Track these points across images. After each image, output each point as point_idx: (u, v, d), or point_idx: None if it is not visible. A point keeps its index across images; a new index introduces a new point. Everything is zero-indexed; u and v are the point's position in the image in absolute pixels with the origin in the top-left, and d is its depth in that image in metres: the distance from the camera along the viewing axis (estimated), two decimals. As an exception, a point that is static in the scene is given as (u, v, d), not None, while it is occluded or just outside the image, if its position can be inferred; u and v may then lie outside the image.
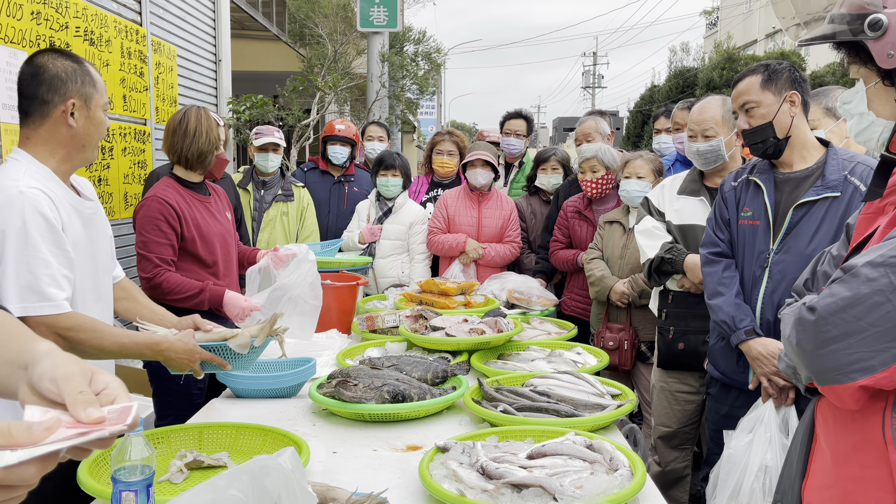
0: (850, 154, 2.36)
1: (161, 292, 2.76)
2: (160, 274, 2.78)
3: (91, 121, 1.89)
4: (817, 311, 1.36)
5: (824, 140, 2.44)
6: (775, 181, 2.40)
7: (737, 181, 2.50)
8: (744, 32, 30.03)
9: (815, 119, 2.88)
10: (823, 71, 17.08)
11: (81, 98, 1.87)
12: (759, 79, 2.37)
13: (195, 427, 1.97)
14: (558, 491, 1.50)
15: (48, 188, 1.81)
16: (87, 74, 1.89)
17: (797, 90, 2.36)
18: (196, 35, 6.05)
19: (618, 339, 3.44)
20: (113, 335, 1.78)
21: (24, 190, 1.74)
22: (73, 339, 1.72)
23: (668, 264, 2.83)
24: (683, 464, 3.05)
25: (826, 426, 1.49)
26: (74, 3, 3.85)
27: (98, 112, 1.91)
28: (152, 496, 1.38)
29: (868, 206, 1.55)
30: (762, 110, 2.35)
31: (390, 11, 9.32)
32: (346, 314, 3.28)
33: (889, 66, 1.44)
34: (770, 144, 2.36)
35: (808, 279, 1.72)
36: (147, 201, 2.86)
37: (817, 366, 1.37)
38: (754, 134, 2.37)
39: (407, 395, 2.15)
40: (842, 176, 2.28)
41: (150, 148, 4.90)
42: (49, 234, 1.75)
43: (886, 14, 1.42)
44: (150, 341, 1.83)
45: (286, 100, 7.82)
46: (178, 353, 1.84)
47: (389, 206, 4.22)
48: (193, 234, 2.87)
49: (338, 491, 1.53)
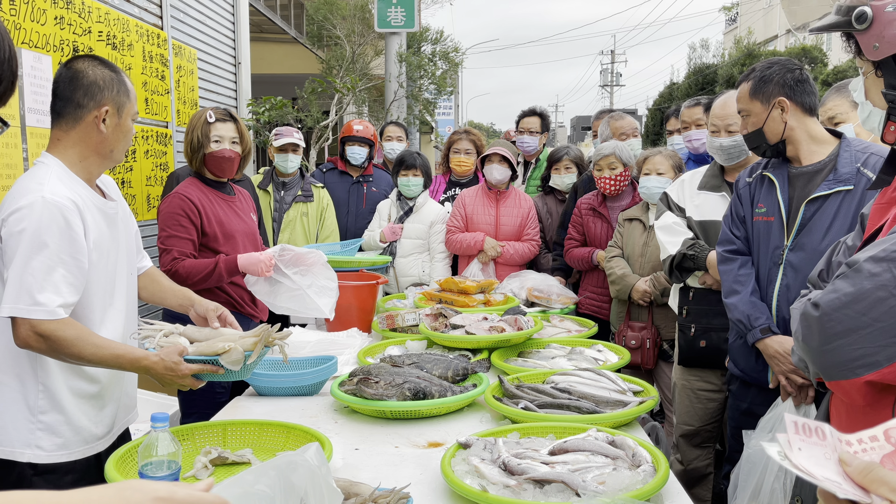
0: (864, 145, 2.31)
1: (179, 280, 2.83)
2: (177, 263, 2.85)
3: (120, 128, 1.94)
4: (821, 307, 1.35)
5: (837, 132, 2.41)
6: (789, 176, 2.37)
7: (751, 177, 2.49)
8: (764, 28, 29.72)
9: (844, 112, 2.84)
10: (846, 66, 16.85)
11: (115, 106, 1.92)
12: (749, 87, 2.38)
13: (219, 424, 1.99)
14: (581, 486, 1.50)
15: (76, 193, 1.86)
16: (123, 84, 1.95)
17: (786, 94, 2.33)
18: (216, 38, 6.11)
19: (640, 338, 3.42)
20: (95, 345, 1.79)
21: (46, 196, 1.79)
22: (53, 344, 1.75)
23: (690, 261, 2.81)
24: (706, 462, 3.02)
25: (839, 420, 1.48)
26: (97, 7, 3.91)
27: (128, 120, 1.97)
28: (179, 491, 1.40)
29: (882, 196, 1.54)
30: (752, 119, 2.38)
31: (407, 12, 9.33)
32: (367, 313, 3.29)
33: (875, 58, 1.48)
34: (763, 150, 2.39)
35: (822, 270, 1.70)
36: (169, 197, 2.94)
37: (823, 362, 1.36)
38: (749, 140, 2.43)
39: (428, 392, 2.16)
40: (854, 168, 2.23)
41: (171, 150, 4.96)
42: (64, 242, 1.79)
43: (872, 6, 1.45)
44: (132, 356, 1.82)
45: (305, 101, 7.86)
46: (159, 370, 1.81)
47: (410, 205, 4.23)
48: (215, 230, 2.92)
49: (361, 487, 1.54)
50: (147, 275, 2.27)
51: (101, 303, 1.95)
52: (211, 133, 2.96)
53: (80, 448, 1.91)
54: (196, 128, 2.97)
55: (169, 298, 2.25)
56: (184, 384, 1.86)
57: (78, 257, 1.82)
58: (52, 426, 1.85)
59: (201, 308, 2.13)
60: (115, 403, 2.03)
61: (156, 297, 2.27)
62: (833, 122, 2.88)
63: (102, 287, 1.94)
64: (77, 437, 1.90)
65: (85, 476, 1.92)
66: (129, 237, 2.10)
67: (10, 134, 3.15)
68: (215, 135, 2.96)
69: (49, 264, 1.76)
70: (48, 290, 1.75)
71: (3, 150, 3.10)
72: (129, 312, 2.07)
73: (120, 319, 2.01)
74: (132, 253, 2.13)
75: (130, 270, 2.12)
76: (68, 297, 1.79)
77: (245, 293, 3.02)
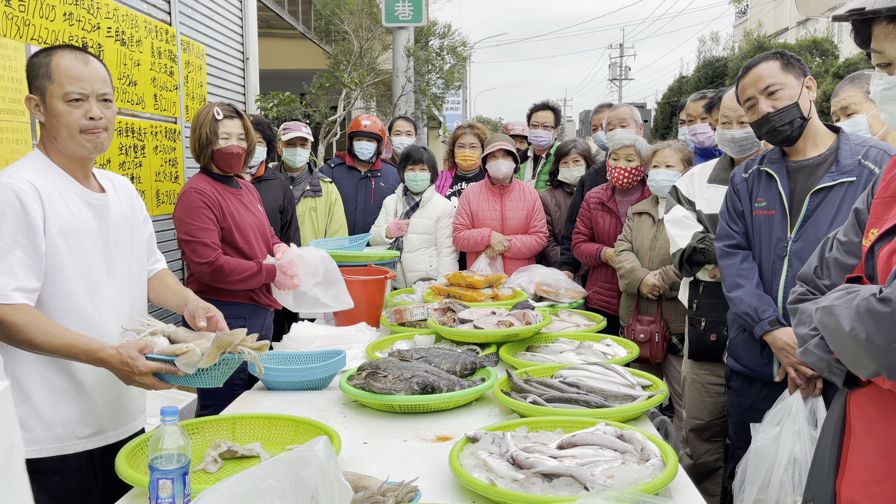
0: (862, 139, 2.34)
1: (223, 274, 2.87)
2: (220, 258, 2.89)
3: (51, 113, 1.87)
4: (893, 301, 1.26)
5: (834, 126, 2.42)
6: (787, 170, 2.38)
7: (747, 172, 2.48)
8: (775, 20, 29.47)
9: (857, 103, 2.83)
10: (857, 58, 16.68)
11: (38, 91, 1.88)
12: (778, 63, 2.35)
13: (228, 418, 2.00)
14: (589, 480, 1.50)
15: (48, 180, 1.85)
16: (47, 67, 1.86)
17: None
18: (224, 34, 6.11)
19: (648, 332, 3.41)
20: (47, 333, 1.73)
21: (2, 180, 1.78)
22: (3, 328, 1.71)
23: (701, 254, 2.80)
24: (715, 456, 3.01)
25: (869, 419, 1.44)
26: (105, 4, 3.92)
27: (55, 103, 1.86)
28: (188, 484, 1.41)
29: (883, 191, 1.50)
30: (787, 91, 2.32)
31: (415, 6, 9.31)
32: (375, 308, 3.30)
33: None
34: (797, 126, 2.32)
35: (817, 266, 1.67)
36: (185, 193, 2.97)
37: (891, 360, 1.27)
38: (782, 115, 2.31)
39: (436, 386, 2.16)
40: (856, 160, 2.26)
41: (180, 146, 4.97)
42: (19, 224, 1.76)
43: None
44: (86, 347, 1.74)
45: (313, 97, 7.86)
46: (115, 363, 1.73)
47: (417, 200, 4.23)
48: (230, 223, 2.97)
49: (369, 480, 1.54)
50: (157, 276, 2.25)
51: (82, 294, 1.89)
52: (219, 130, 2.99)
53: (53, 445, 1.85)
54: (203, 124, 3.00)
55: (170, 299, 2.21)
56: (143, 383, 1.76)
57: (34, 241, 1.78)
58: (20, 419, 1.82)
59: (192, 306, 2.05)
60: (107, 405, 1.96)
61: (160, 299, 2.23)
62: (846, 112, 2.86)
63: (81, 277, 1.89)
64: (48, 433, 1.85)
65: (76, 476, 1.90)
66: (133, 235, 2.08)
67: (20, 130, 3.17)
68: (223, 131, 3.00)
69: (3, 247, 1.74)
70: (3, 274, 1.72)
71: (15, 147, 3.12)
72: (133, 313, 2.04)
73: (119, 319, 1.98)
74: (139, 253, 2.12)
75: (134, 270, 2.09)
76: (25, 280, 1.75)
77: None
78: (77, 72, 1.88)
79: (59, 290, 1.85)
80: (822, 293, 1.59)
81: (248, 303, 3.05)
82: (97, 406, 1.95)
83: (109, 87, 1.95)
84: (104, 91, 1.92)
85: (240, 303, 3.00)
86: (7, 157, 2.99)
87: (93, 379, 1.93)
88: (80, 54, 1.91)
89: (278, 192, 3.95)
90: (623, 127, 4.14)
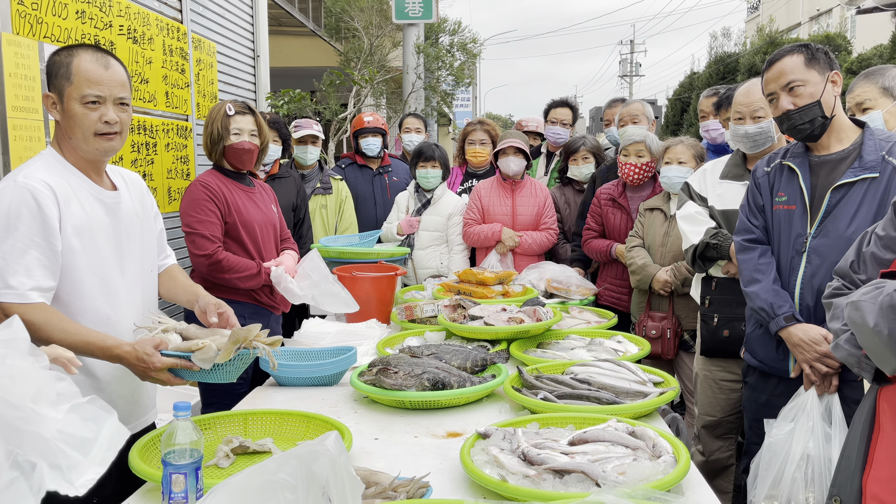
0: (887, 135, 2.29)
1: (221, 269, 2.87)
2: (219, 251, 2.89)
3: (67, 113, 1.88)
4: None
5: (860, 121, 2.37)
6: (810, 165, 2.34)
7: (770, 166, 2.45)
8: (787, 15, 29.24)
9: (872, 99, 2.79)
10: (870, 53, 16.53)
11: (57, 91, 1.89)
12: (802, 58, 2.30)
13: (240, 414, 2.01)
14: (601, 477, 1.49)
15: (62, 179, 1.86)
16: (67, 67, 1.86)
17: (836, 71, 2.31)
18: (235, 32, 6.12)
19: (660, 328, 3.39)
20: (64, 331, 1.74)
21: (19, 180, 1.79)
22: None
23: (714, 250, 2.78)
24: (727, 453, 3.00)
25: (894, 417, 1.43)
26: (118, 2, 3.94)
27: (72, 104, 1.87)
28: (201, 479, 1.42)
29: None
30: (809, 89, 2.27)
31: (425, 3, 9.30)
32: (385, 304, 3.30)
33: None
34: (818, 124, 2.28)
35: (853, 261, 1.66)
36: (190, 187, 3.00)
37: None
38: (802, 113, 2.27)
39: (447, 382, 2.16)
40: (879, 156, 2.21)
41: (191, 143, 4.99)
42: (35, 224, 1.77)
43: None
44: (103, 344, 1.76)
45: (323, 94, 7.87)
46: (131, 360, 1.75)
47: (428, 197, 4.22)
48: (235, 219, 2.97)
49: (380, 475, 1.54)
50: (167, 272, 2.26)
51: (97, 291, 1.91)
52: (231, 126, 3.00)
53: None
54: (215, 120, 3.01)
55: (180, 294, 2.22)
56: (158, 379, 1.78)
57: (51, 240, 1.79)
58: None
59: (203, 302, 2.07)
60: (122, 400, 1.98)
61: (170, 294, 2.25)
62: (861, 108, 2.83)
63: (96, 275, 1.91)
64: None
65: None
66: (144, 232, 2.09)
67: (33, 127, 3.19)
68: (235, 127, 3.00)
69: (20, 247, 1.75)
70: (20, 273, 1.74)
71: (29, 144, 3.14)
72: (145, 310, 2.05)
73: (133, 316, 1.99)
74: (150, 249, 2.13)
75: (146, 266, 2.10)
76: (41, 280, 1.77)
77: (265, 285, 3.04)
78: (96, 75, 1.88)
79: (74, 288, 1.87)
80: (857, 287, 1.57)
81: (249, 302, 3.04)
82: (113, 401, 1.94)
83: (128, 90, 1.96)
84: (121, 95, 1.93)
85: (240, 301, 2.99)
86: (21, 155, 3.01)
87: (108, 374, 1.95)
88: (101, 56, 1.91)
89: (291, 189, 3.96)
90: (635, 123, 4.12)
